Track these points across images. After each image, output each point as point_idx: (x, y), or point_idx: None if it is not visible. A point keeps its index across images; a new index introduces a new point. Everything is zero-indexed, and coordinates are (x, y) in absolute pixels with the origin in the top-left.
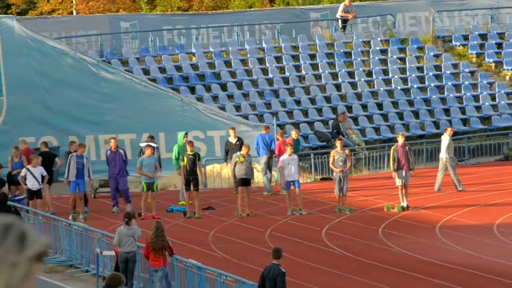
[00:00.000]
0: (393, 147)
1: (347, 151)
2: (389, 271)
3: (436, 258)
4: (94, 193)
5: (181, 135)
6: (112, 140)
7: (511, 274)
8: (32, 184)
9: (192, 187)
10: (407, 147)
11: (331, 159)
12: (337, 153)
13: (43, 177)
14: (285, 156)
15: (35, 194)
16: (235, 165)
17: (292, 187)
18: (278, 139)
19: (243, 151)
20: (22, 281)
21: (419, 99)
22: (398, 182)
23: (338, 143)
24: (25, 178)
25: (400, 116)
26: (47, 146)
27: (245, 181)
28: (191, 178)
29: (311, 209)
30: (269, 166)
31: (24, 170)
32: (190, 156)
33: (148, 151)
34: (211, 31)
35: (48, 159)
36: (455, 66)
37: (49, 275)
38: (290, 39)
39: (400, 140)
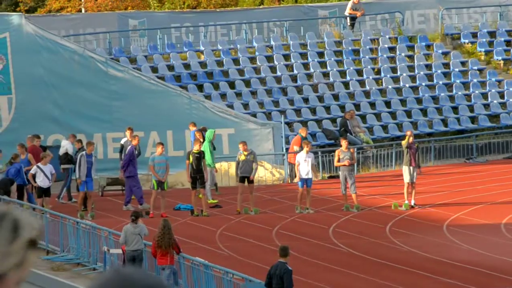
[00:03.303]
0: (403, 141)
1: (352, 150)
2: (396, 269)
3: (443, 256)
4: (101, 191)
5: (210, 132)
6: (136, 137)
7: None
8: (42, 182)
9: (198, 185)
10: (415, 145)
11: (336, 158)
12: (342, 152)
13: (51, 175)
14: (302, 154)
15: (43, 192)
16: (238, 163)
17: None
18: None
19: (241, 148)
20: (15, 269)
21: (427, 97)
22: (406, 179)
23: (343, 142)
24: (34, 176)
25: (408, 114)
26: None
27: (247, 178)
28: (197, 176)
29: (318, 207)
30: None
31: (34, 167)
32: (196, 155)
33: (159, 149)
34: (219, 29)
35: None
36: (463, 63)
37: (57, 273)
38: (299, 37)
39: (410, 138)
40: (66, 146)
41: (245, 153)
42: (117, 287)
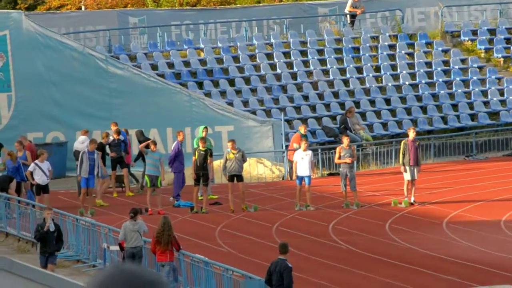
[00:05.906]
0: (403, 141)
1: (352, 147)
2: (395, 266)
3: (443, 253)
4: None
5: (200, 129)
6: (181, 133)
7: None
8: (40, 179)
9: (201, 182)
10: (417, 143)
11: (337, 155)
12: (343, 149)
13: (49, 172)
14: (299, 151)
15: (42, 190)
16: (225, 161)
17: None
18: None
19: (230, 146)
20: None
21: (427, 94)
22: (406, 176)
23: (344, 139)
24: (32, 173)
25: (408, 111)
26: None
27: (236, 177)
28: (201, 173)
29: (318, 204)
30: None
31: (32, 165)
32: (201, 152)
33: (152, 146)
34: (219, 27)
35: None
36: (463, 61)
37: (56, 270)
38: (299, 34)
39: (411, 135)
40: (86, 142)
41: (234, 151)
42: (117, 283)
